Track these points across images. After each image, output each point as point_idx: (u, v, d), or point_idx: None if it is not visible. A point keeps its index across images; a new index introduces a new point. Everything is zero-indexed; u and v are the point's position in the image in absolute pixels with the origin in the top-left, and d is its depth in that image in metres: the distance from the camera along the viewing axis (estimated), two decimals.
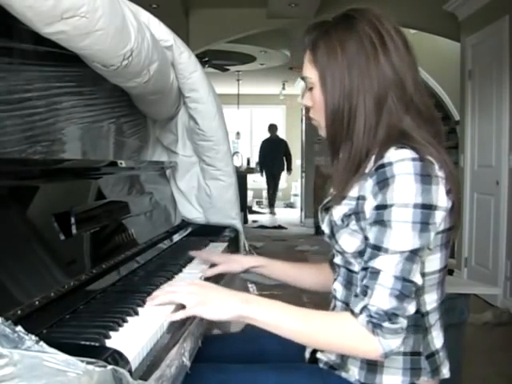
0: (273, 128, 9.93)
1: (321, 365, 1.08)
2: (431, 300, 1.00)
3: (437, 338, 1.02)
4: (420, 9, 4.73)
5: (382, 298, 0.88)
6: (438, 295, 1.01)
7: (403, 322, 0.89)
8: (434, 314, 1.01)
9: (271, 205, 10.20)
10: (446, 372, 1.04)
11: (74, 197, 1.19)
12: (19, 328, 0.61)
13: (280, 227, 8.15)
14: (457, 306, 1.88)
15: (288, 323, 0.94)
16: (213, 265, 1.34)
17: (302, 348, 1.16)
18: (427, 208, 0.89)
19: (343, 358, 1.03)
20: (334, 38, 0.99)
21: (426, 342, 1.01)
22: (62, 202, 1.11)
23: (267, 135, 9.98)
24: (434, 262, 0.98)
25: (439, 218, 0.91)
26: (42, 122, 1.18)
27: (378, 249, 0.90)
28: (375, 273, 0.89)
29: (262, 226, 8.15)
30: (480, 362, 2.63)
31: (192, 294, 0.95)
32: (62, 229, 1.03)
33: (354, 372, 1.01)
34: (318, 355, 1.09)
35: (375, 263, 0.90)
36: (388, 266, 0.89)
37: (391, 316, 0.88)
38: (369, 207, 0.94)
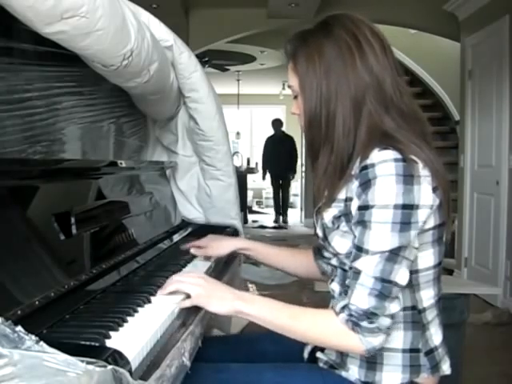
0: (277, 123, 8.60)
1: (320, 364, 1.08)
2: (428, 296, 1.01)
3: (435, 335, 1.03)
4: (420, 9, 4.73)
5: (361, 297, 0.90)
6: (435, 291, 1.02)
7: (384, 321, 0.91)
8: (432, 311, 1.02)
9: (278, 212, 8.74)
10: (446, 368, 1.05)
11: (74, 197, 1.19)
12: (19, 328, 0.61)
13: (280, 227, 8.15)
14: (457, 306, 1.88)
15: (278, 320, 0.98)
16: None
17: (301, 349, 1.17)
18: (408, 208, 0.90)
19: (342, 357, 1.04)
20: (312, 46, 1.02)
21: (425, 339, 1.01)
22: (62, 201, 1.11)
23: (271, 132, 8.74)
24: (428, 258, 0.99)
25: (422, 217, 0.92)
26: (42, 122, 1.18)
27: (359, 249, 0.92)
28: (357, 273, 0.92)
29: (262, 226, 8.15)
30: (480, 361, 2.63)
31: (198, 285, 1.00)
32: (62, 229, 1.03)
33: (353, 371, 1.02)
34: (318, 355, 1.09)
35: (357, 264, 0.92)
36: (368, 266, 0.91)
37: (370, 315, 0.90)
38: (354, 208, 0.96)
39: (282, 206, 8.76)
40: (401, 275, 0.91)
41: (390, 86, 1.00)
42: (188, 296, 1.00)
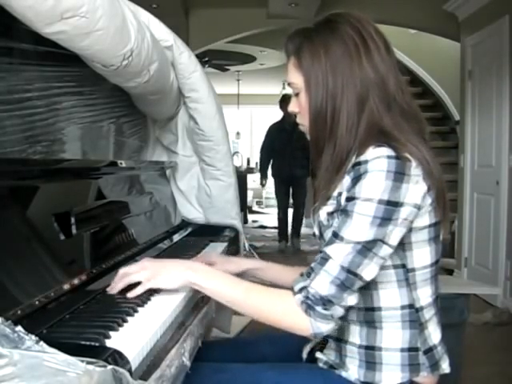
0: (286, 102, 5.06)
1: (320, 364, 1.08)
2: (425, 295, 1.01)
3: (434, 333, 1.03)
4: (420, 9, 4.73)
5: (322, 283, 0.91)
6: (432, 290, 1.02)
7: (337, 311, 0.92)
8: (429, 309, 1.02)
9: (284, 237, 5.94)
10: (445, 367, 1.05)
11: (74, 197, 1.19)
12: (19, 328, 0.61)
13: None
14: (457, 305, 1.88)
15: (231, 292, 0.99)
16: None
17: (299, 350, 1.16)
18: (392, 205, 0.91)
19: (342, 357, 1.04)
20: (318, 42, 1.02)
21: (423, 338, 1.02)
22: (62, 201, 1.11)
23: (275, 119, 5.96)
24: (424, 256, 0.99)
25: (404, 214, 0.92)
26: (42, 122, 1.18)
27: (335, 235, 0.93)
28: (325, 259, 0.93)
29: (262, 226, 8.14)
30: (480, 361, 2.63)
31: (144, 269, 1.02)
32: (62, 229, 1.03)
33: (353, 371, 1.02)
34: (317, 355, 1.09)
35: (328, 249, 0.93)
36: (338, 254, 0.92)
37: (326, 302, 0.91)
38: (343, 201, 0.96)
39: (293, 225, 5.97)
40: (368, 271, 0.92)
41: (393, 85, 1.01)
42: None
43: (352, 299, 0.93)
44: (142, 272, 1.01)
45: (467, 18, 4.29)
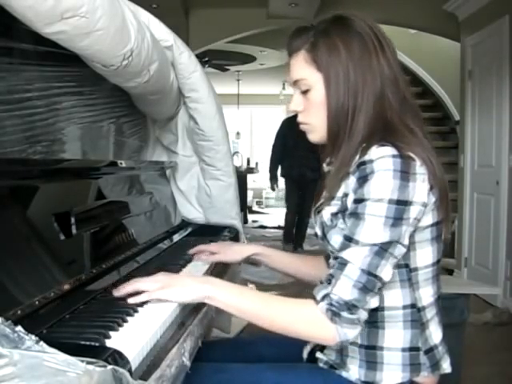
0: None
1: (320, 364, 1.08)
2: (427, 295, 1.01)
3: (435, 333, 1.03)
4: (420, 9, 4.73)
5: (345, 288, 0.90)
6: (434, 290, 1.03)
7: (362, 314, 0.91)
8: (431, 309, 1.02)
9: (289, 240, 5.67)
10: (446, 367, 1.05)
11: (74, 197, 1.19)
12: (19, 328, 0.61)
13: (280, 227, 8.14)
14: (457, 305, 1.88)
15: (249, 305, 0.96)
16: None
17: (300, 350, 1.16)
18: (402, 204, 0.91)
19: (342, 357, 1.04)
20: (335, 37, 1.01)
21: (424, 337, 1.02)
22: (62, 201, 1.11)
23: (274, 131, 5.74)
24: (426, 256, 1.00)
25: (414, 213, 0.92)
26: (42, 122, 1.18)
27: (349, 240, 0.93)
28: (343, 264, 0.92)
29: (262, 226, 8.15)
30: (480, 361, 2.63)
31: (156, 281, 0.98)
32: (62, 229, 1.03)
33: (353, 371, 1.02)
34: (318, 355, 1.09)
35: (344, 254, 0.92)
36: (356, 257, 0.91)
37: (351, 307, 0.90)
38: (350, 202, 0.96)
39: (297, 231, 5.62)
40: (385, 271, 0.91)
41: (403, 83, 1.02)
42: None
43: (375, 301, 0.93)
44: (153, 283, 0.97)
45: (467, 18, 4.29)
